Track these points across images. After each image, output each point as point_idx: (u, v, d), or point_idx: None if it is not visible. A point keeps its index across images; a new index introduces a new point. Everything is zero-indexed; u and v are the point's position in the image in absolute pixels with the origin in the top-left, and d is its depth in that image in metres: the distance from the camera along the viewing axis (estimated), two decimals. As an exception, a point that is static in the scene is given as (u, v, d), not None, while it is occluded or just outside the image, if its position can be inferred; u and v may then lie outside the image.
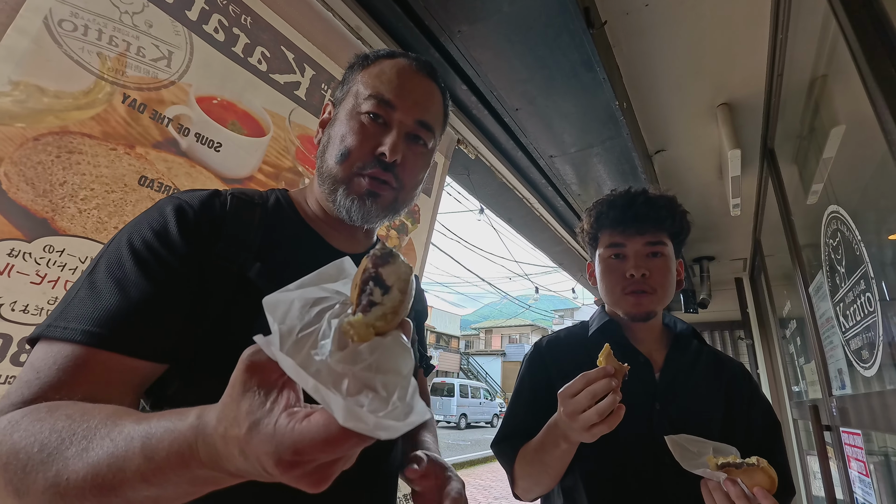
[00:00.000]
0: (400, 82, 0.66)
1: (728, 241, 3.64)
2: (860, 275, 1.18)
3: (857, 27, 0.97)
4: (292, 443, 0.28)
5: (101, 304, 0.47)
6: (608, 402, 0.70)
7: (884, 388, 1.15)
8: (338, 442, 0.27)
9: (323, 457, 0.29)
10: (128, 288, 0.48)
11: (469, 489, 6.44)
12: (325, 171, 0.66)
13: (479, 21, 1.41)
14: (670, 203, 0.99)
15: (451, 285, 38.36)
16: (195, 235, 0.54)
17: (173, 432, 0.34)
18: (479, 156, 2.12)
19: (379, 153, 0.63)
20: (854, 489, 1.47)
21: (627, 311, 0.97)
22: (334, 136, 0.66)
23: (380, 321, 0.32)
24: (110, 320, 0.46)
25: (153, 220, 0.54)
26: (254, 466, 0.30)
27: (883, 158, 1.01)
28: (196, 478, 0.34)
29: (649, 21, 1.58)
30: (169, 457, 0.34)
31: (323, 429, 0.27)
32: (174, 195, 0.59)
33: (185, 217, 0.55)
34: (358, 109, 0.65)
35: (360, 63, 0.70)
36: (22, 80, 0.79)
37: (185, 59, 1.03)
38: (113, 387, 0.46)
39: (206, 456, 0.33)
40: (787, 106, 1.83)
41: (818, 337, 1.74)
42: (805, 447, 2.80)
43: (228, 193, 0.62)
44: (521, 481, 0.92)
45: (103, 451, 0.35)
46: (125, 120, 0.93)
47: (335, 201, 0.65)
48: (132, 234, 0.53)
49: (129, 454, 0.34)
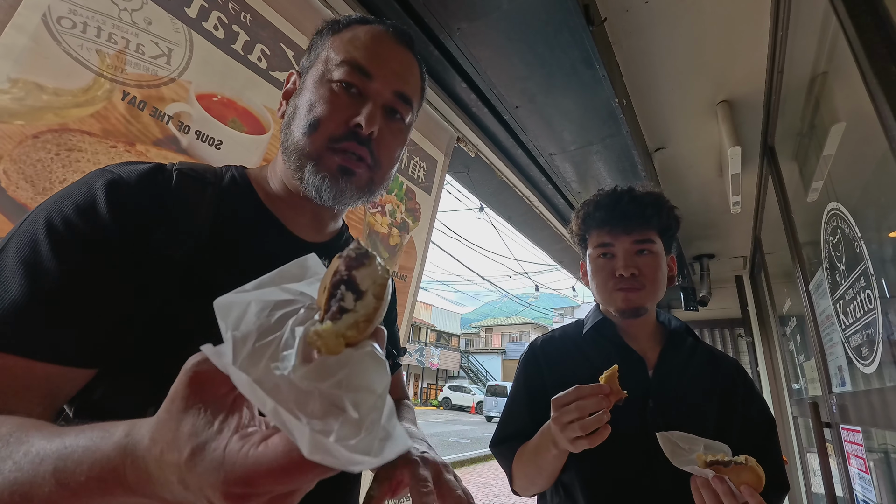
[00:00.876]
0: (376, 50, 0.59)
1: (728, 238, 3.64)
2: (860, 272, 1.18)
3: (858, 24, 0.96)
4: (244, 472, 0.23)
5: (6, 297, 0.39)
6: (593, 420, 0.71)
7: (883, 385, 1.15)
8: (300, 472, 0.23)
9: (280, 489, 0.24)
10: (40, 276, 0.40)
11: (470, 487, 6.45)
12: (290, 144, 0.57)
13: (479, 18, 1.41)
14: (657, 200, 0.99)
15: (451, 283, 38.39)
16: (130, 217, 0.46)
17: (95, 452, 0.28)
18: (478, 154, 2.12)
19: (354, 124, 0.56)
20: (854, 486, 1.47)
21: (618, 307, 0.98)
22: (301, 105, 0.58)
23: (351, 330, 0.27)
24: (15, 316, 0.38)
25: (79, 196, 0.45)
26: (196, 498, 0.25)
27: (883, 156, 1.01)
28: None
29: (649, 18, 1.58)
30: (88, 482, 0.28)
31: (283, 457, 0.23)
32: (107, 167, 0.49)
33: (117, 193, 0.46)
34: (329, 77, 0.57)
35: (329, 28, 0.62)
36: (21, 78, 0.79)
37: (184, 56, 1.03)
38: (19, 397, 0.38)
39: (136, 481, 0.27)
40: (787, 103, 1.83)
41: (818, 334, 1.75)
42: (805, 444, 2.80)
43: (174, 168, 0.53)
44: (518, 480, 0.94)
45: (3, 476, 0.29)
46: (125, 117, 0.92)
47: (302, 178, 0.56)
48: (51, 212, 0.43)
49: (38, 479, 0.28)
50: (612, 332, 1.02)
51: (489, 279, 21.25)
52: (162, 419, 0.27)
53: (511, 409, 1.02)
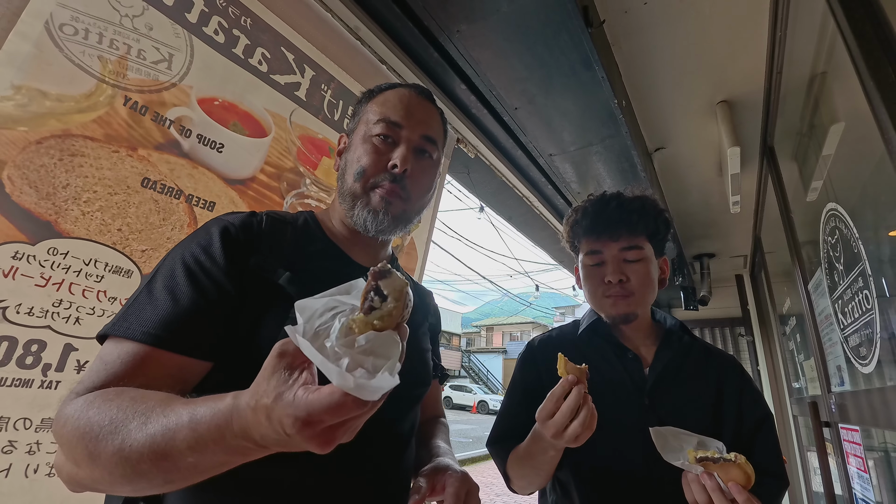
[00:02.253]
0: (404, 105, 0.75)
1: (728, 238, 3.64)
2: (858, 272, 1.18)
3: (855, 27, 0.97)
4: (305, 406, 0.36)
5: (159, 310, 0.55)
6: (586, 413, 0.72)
7: (882, 384, 1.16)
8: (340, 407, 0.36)
9: (329, 419, 0.37)
10: (179, 297, 0.56)
11: (470, 486, 6.35)
12: (345, 190, 0.74)
13: (478, 20, 1.41)
14: (644, 205, 1.00)
15: (452, 283, 38.38)
16: (236, 250, 0.62)
17: (213, 409, 0.42)
18: (478, 154, 2.12)
19: (390, 166, 0.71)
20: (853, 485, 1.48)
21: (608, 314, 0.99)
22: (350, 159, 0.75)
23: (377, 321, 0.40)
24: (166, 324, 0.54)
25: (201, 239, 0.63)
26: (275, 429, 0.38)
27: (880, 157, 1.02)
28: (229, 447, 0.42)
29: (648, 19, 1.58)
30: (209, 428, 0.41)
31: (328, 397, 0.36)
32: (220, 217, 0.67)
33: (228, 235, 0.63)
34: (370, 133, 0.74)
35: (366, 97, 0.80)
36: (24, 85, 0.80)
37: (185, 61, 1.03)
38: (165, 379, 0.53)
39: (239, 427, 0.41)
40: (786, 103, 1.83)
41: (817, 334, 1.75)
42: (805, 443, 2.81)
43: (264, 214, 0.70)
44: (515, 480, 0.95)
45: (159, 424, 0.43)
46: (127, 122, 0.93)
47: (353, 216, 0.72)
48: (184, 251, 0.61)
49: (179, 426, 0.42)
50: (607, 332, 1.03)
51: (490, 279, 21.26)
52: (257, 381, 0.41)
53: (508, 408, 1.03)
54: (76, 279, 0.84)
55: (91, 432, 0.45)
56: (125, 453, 0.43)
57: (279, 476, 0.57)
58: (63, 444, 0.48)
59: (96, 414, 0.46)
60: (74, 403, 0.49)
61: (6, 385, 0.75)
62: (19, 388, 0.77)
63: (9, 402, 0.76)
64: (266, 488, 0.57)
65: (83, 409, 0.48)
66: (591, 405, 0.73)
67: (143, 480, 0.44)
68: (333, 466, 0.60)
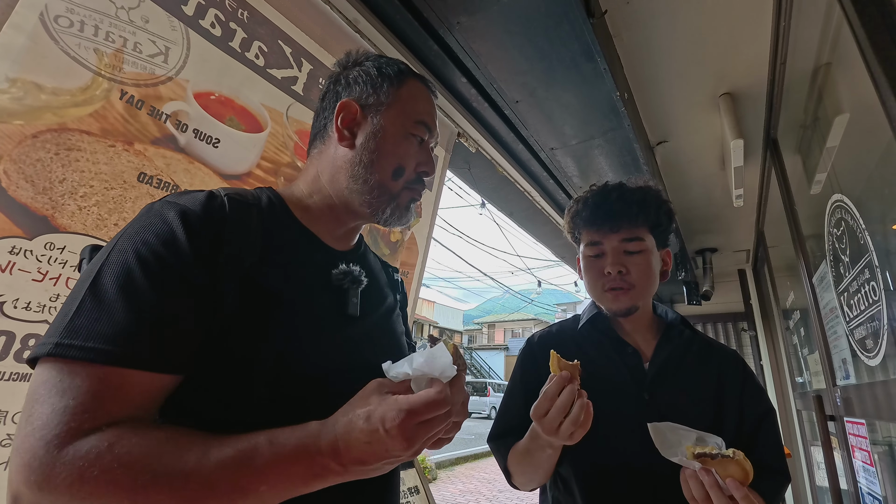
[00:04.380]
0: (431, 109, 0.76)
1: (731, 232, 3.62)
2: (864, 264, 1.17)
3: (862, 13, 0.95)
4: (408, 401, 0.44)
5: (118, 321, 0.45)
6: (578, 409, 0.73)
7: (888, 377, 1.14)
8: (436, 401, 0.44)
9: (426, 413, 0.44)
10: (143, 303, 0.47)
11: (473, 482, 6.49)
12: (374, 181, 0.69)
13: (478, 12, 1.40)
14: (645, 196, 0.98)
15: (453, 280, 38.35)
16: (203, 242, 0.53)
17: (297, 430, 0.46)
18: (479, 149, 2.11)
19: (422, 171, 0.73)
20: (858, 479, 1.47)
21: (608, 307, 0.98)
22: (386, 150, 0.70)
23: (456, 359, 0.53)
24: (133, 338, 0.45)
25: (158, 229, 0.52)
26: (373, 427, 0.43)
27: (887, 146, 1.00)
28: (311, 467, 0.44)
29: (650, 10, 1.56)
30: (295, 448, 0.44)
31: (424, 395, 0.45)
32: (171, 200, 0.56)
33: (190, 223, 0.53)
34: (411, 130, 0.72)
35: (390, 76, 0.73)
36: (19, 77, 0.79)
37: (181, 54, 1.02)
38: (149, 405, 0.47)
39: (327, 441, 0.44)
40: (790, 95, 1.81)
41: (822, 327, 1.74)
42: (809, 438, 2.80)
43: (223, 195, 0.60)
44: (516, 476, 0.95)
45: (230, 448, 0.43)
46: (123, 116, 0.92)
47: (381, 210, 0.71)
48: (137, 244, 0.50)
49: (258, 448, 0.43)
50: (607, 326, 1.02)
51: (491, 275, 21.24)
52: (354, 401, 0.48)
53: (508, 405, 1.03)
54: (73, 274, 0.83)
55: (135, 468, 0.40)
56: (192, 483, 0.40)
57: None
58: (66, 497, 0.40)
59: (138, 447, 0.42)
60: (79, 448, 0.40)
61: (4, 379, 0.75)
62: (17, 381, 0.76)
63: (7, 396, 0.75)
64: None
65: (105, 450, 0.41)
66: (584, 401, 0.74)
67: None
68: None
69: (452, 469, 8.59)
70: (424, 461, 7.38)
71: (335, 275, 0.66)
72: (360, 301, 0.68)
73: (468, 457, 9.34)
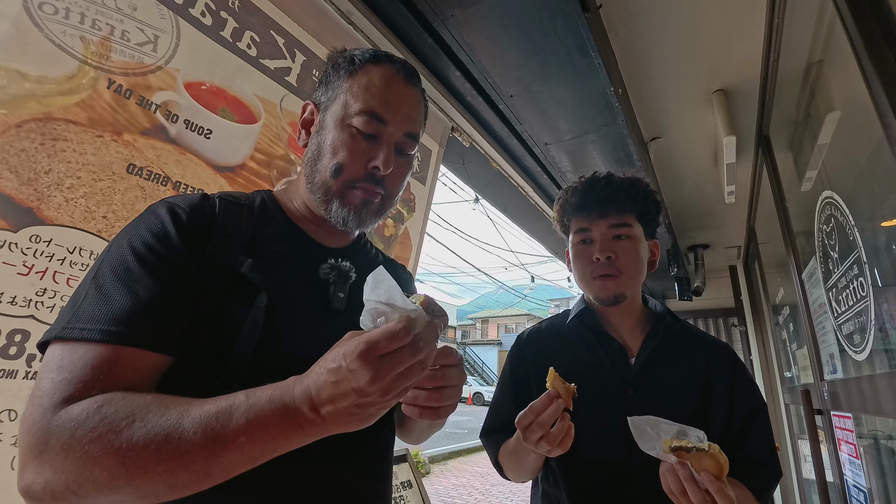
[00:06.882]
0: (389, 96, 0.67)
1: (722, 228, 3.65)
2: (853, 260, 1.18)
3: (855, 10, 0.96)
4: (367, 336, 0.43)
5: (115, 305, 0.50)
6: (557, 430, 0.74)
7: (874, 371, 1.16)
8: (394, 332, 0.43)
9: (386, 345, 0.43)
10: (137, 289, 0.51)
11: (467, 476, 6.51)
12: (317, 180, 0.68)
13: (473, 5, 1.38)
14: (633, 185, 0.99)
15: (447, 276, 38.39)
16: (190, 236, 0.58)
17: (274, 386, 0.46)
18: (473, 144, 2.10)
19: (372, 167, 0.66)
20: (844, 471, 1.49)
21: (597, 295, 0.98)
22: (325, 146, 0.67)
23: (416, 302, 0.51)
24: (128, 319, 0.49)
25: (151, 224, 0.57)
26: (338, 364, 0.43)
27: (878, 143, 1.01)
28: (287, 417, 0.44)
29: (645, 5, 1.56)
30: (271, 400, 0.44)
31: (384, 326, 0.44)
32: (167, 199, 0.62)
33: (179, 219, 0.58)
34: (349, 122, 0.66)
35: (345, 67, 0.70)
36: (2, 65, 0.77)
37: (171, 43, 1.00)
38: (142, 381, 0.50)
39: (300, 389, 0.45)
40: (782, 92, 1.82)
41: (811, 322, 1.76)
42: (797, 431, 2.84)
43: (216, 196, 0.65)
44: (507, 471, 0.97)
45: (211, 406, 0.44)
46: (111, 106, 0.90)
47: (329, 211, 0.68)
48: (132, 238, 0.56)
49: (236, 405, 0.44)
50: (594, 321, 1.02)
51: (485, 271, 21.28)
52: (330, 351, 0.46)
53: (498, 402, 1.04)
54: (60, 267, 0.82)
55: (120, 426, 0.42)
56: (173, 436, 0.42)
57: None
58: (61, 457, 0.42)
59: (124, 407, 0.44)
60: (70, 411, 0.44)
61: (-11, 375, 0.74)
62: (3, 378, 0.75)
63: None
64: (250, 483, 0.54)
65: (90, 413, 0.43)
66: (566, 424, 0.74)
67: (181, 473, 0.42)
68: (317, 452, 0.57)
69: (446, 463, 8.64)
70: (417, 455, 7.41)
71: (322, 269, 0.67)
72: (351, 296, 0.68)
73: (461, 451, 9.40)
